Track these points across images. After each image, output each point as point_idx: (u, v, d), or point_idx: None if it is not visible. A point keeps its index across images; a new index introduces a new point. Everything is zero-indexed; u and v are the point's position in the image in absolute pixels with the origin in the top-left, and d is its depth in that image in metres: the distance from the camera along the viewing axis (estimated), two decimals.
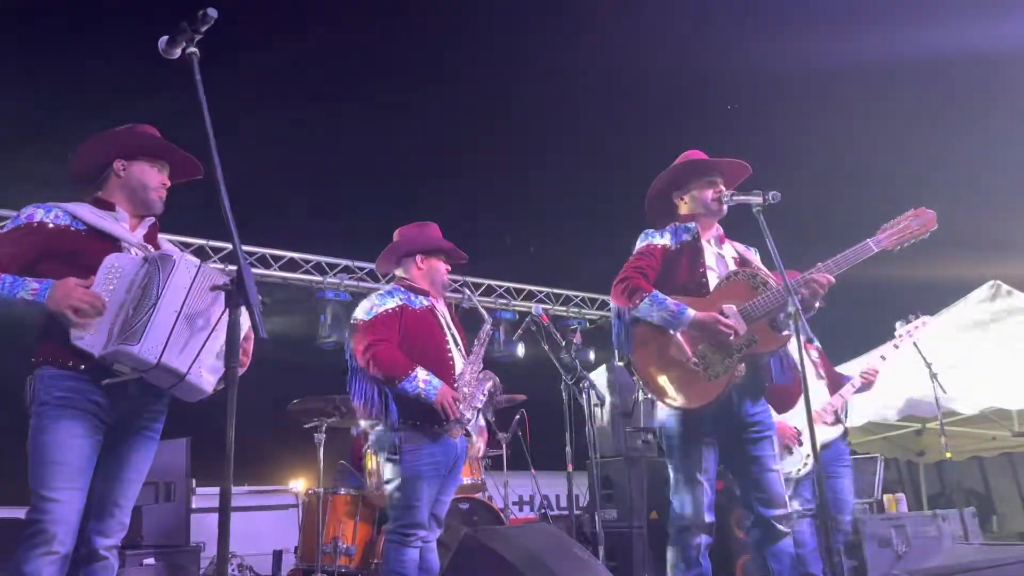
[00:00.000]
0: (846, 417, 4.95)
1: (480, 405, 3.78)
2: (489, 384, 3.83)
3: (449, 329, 3.86)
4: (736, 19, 7.57)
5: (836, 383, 4.94)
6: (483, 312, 4.04)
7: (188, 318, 2.48)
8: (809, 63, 7.09)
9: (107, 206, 2.74)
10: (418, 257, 3.90)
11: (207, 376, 2.57)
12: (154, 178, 2.80)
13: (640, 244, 3.39)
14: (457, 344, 3.86)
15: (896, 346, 5.04)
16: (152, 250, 2.72)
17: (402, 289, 3.83)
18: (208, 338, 2.54)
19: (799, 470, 4.52)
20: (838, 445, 4.84)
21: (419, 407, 3.52)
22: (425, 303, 3.82)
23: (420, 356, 3.61)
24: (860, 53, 7.17)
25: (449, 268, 3.98)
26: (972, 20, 6.75)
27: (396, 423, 3.52)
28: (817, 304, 3.15)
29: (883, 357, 4.99)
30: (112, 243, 2.64)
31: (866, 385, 4.92)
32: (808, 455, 4.53)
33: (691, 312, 3.09)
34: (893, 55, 6.94)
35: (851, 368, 5.66)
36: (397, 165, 8.19)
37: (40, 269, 2.51)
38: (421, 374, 3.53)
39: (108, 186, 2.78)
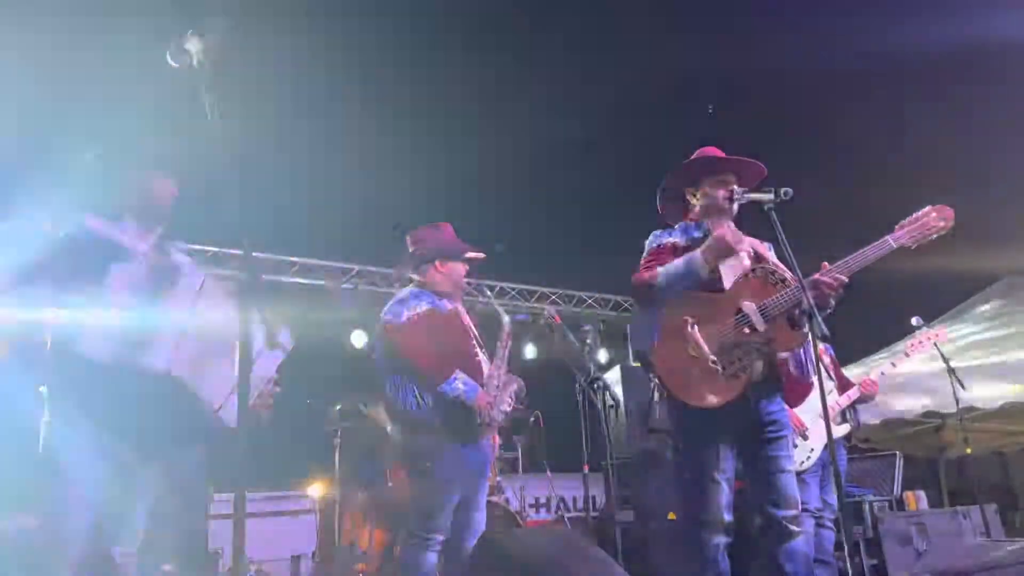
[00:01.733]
0: (854, 421, 5.02)
1: (508, 409, 3.76)
2: (514, 387, 3.82)
3: (472, 332, 3.86)
4: (754, 15, 7.52)
5: (845, 386, 5.04)
6: (502, 314, 3.99)
7: (199, 329, 2.48)
8: (820, 60, 7.05)
9: (115, 215, 2.73)
10: (438, 262, 3.88)
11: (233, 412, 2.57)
12: (162, 187, 2.79)
13: (650, 245, 3.38)
14: (482, 347, 3.86)
15: (907, 354, 5.20)
16: (159, 259, 2.71)
17: (426, 292, 3.82)
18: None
19: (801, 463, 4.56)
20: (840, 447, 4.93)
21: (455, 411, 3.51)
22: (450, 306, 3.82)
23: (451, 359, 3.60)
24: (871, 47, 7.13)
25: (467, 268, 3.97)
26: (985, 10, 6.69)
27: (432, 426, 3.51)
28: (833, 302, 3.12)
29: (893, 364, 5.11)
30: (119, 253, 2.63)
31: (866, 396, 4.97)
32: (812, 449, 4.65)
33: (697, 252, 3.11)
34: (902, 48, 6.89)
35: (858, 373, 5.73)
36: (405, 166, 8.18)
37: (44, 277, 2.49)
38: (460, 376, 3.53)
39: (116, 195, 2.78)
